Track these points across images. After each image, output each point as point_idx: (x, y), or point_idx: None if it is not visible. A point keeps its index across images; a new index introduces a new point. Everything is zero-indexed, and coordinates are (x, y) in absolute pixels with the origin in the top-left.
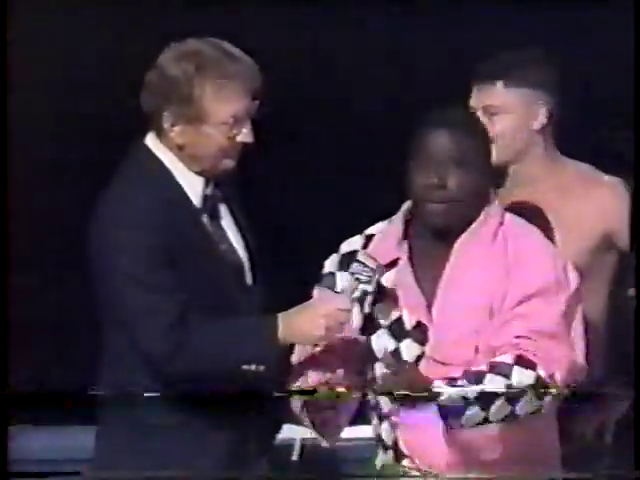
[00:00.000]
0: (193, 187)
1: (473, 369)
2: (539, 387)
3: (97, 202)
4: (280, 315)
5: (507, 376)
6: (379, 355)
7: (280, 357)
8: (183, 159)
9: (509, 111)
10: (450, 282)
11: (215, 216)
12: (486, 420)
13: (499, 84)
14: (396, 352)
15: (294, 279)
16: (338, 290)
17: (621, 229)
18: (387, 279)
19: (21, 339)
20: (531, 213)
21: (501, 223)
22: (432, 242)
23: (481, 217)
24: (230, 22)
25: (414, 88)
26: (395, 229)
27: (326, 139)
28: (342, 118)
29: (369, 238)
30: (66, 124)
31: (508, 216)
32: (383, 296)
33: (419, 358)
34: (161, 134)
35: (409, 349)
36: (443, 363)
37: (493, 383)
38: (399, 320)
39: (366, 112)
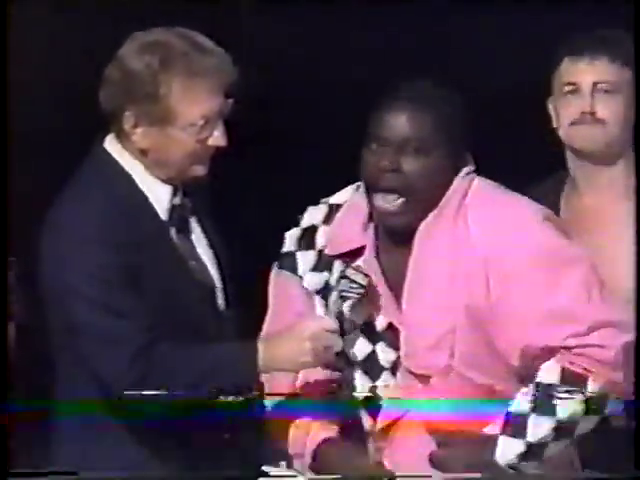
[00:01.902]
0: (158, 197)
1: (511, 412)
2: (592, 406)
3: (47, 212)
4: (260, 340)
5: (552, 411)
6: (354, 359)
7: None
8: (147, 165)
9: (621, 92)
10: (416, 276)
11: (183, 230)
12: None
13: (618, 61)
14: (373, 355)
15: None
16: (299, 272)
17: None
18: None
19: (21, 339)
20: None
21: (464, 197)
22: (395, 236)
23: (447, 194)
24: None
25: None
26: (361, 205)
27: (309, 143)
28: (325, 118)
29: (332, 208)
30: (66, 124)
31: (475, 184)
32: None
33: (395, 365)
34: (122, 136)
35: (385, 353)
36: (419, 375)
37: (536, 429)
38: (370, 321)
39: (351, 116)
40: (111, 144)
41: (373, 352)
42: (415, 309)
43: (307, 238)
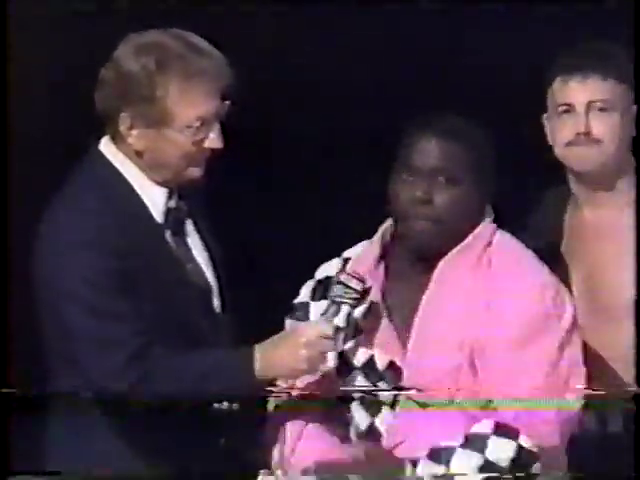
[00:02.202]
0: (154, 199)
1: (442, 445)
2: (522, 460)
3: (42, 216)
4: (256, 347)
5: (482, 450)
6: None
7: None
8: (143, 167)
9: (617, 109)
10: (428, 314)
11: (179, 233)
12: None
13: (611, 77)
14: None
15: (269, 305)
16: None
17: None
18: (358, 312)
19: (21, 339)
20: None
21: (489, 244)
22: (411, 268)
23: (469, 238)
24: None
25: (402, 100)
26: (371, 253)
27: (306, 145)
28: (322, 121)
29: (347, 262)
30: (67, 124)
31: (498, 236)
32: (355, 332)
33: (395, 401)
34: (117, 139)
35: (384, 393)
36: (421, 405)
37: (463, 461)
38: (371, 360)
39: (351, 116)
40: (106, 146)
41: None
42: (423, 345)
43: (321, 289)
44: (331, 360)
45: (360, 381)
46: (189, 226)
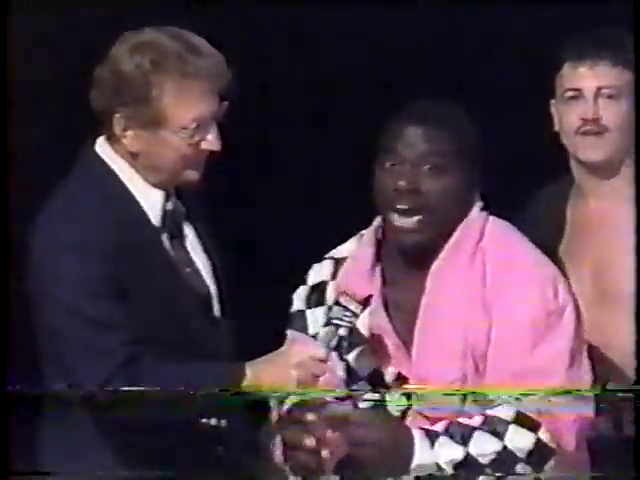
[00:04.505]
0: (151, 202)
1: (460, 420)
2: (537, 453)
3: (36, 218)
4: (248, 364)
5: (500, 435)
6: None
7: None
8: (138, 169)
9: (625, 96)
10: (426, 323)
11: (177, 236)
12: None
13: (620, 64)
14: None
15: (269, 310)
16: (310, 331)
17: None
18: (361, 322)
19: (21, 338)
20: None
21: (480, 238)
22: (406, 271)
23: (457, 232)
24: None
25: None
26: (365, 253)
27: (305, 146)
28: (321, 121)
29: (338, 262)
30: (67, 125)
31: (490, 225)
32: (359, 343)
33: (405, 412)
34: (113, 139)
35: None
36: (429, 417)
37: (480, 444)
38: (378, 372)
39: (350, 118)
40: (102, 146)
41: (382, 404)
42: (427, 356)
43: (316, 295)
44: (339, 372)
45: (368, 395)
46: (188, 229)
